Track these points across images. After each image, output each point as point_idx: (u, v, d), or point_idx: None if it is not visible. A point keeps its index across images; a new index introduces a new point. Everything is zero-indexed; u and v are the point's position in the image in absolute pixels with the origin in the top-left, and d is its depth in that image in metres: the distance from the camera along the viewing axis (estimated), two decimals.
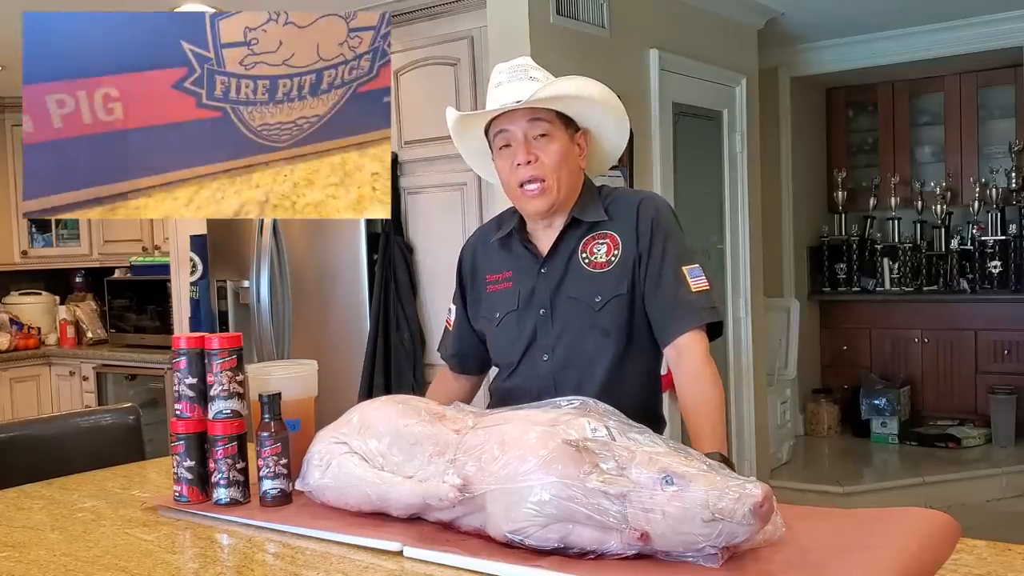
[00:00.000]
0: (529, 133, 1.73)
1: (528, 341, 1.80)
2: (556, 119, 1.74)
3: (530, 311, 1.80)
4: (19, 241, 5.81)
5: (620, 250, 1.76)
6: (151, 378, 5.08)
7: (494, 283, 1.88)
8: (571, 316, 1.77)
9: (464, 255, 1.98)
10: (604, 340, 1.75)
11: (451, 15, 3.67)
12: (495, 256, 1.90)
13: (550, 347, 1.78)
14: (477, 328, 1.93)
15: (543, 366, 1.79)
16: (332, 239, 3.89)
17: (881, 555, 1.20)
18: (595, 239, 1.79)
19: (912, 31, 5.31)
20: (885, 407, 5.74)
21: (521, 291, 1.82)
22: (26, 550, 1.49)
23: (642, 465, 1.22)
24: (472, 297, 1.94)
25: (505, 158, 1.76)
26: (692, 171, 4.29)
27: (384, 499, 1.46)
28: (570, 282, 1.78)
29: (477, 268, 1.93)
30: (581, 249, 1.79)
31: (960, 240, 5.86)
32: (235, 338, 1.67)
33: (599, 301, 1.75)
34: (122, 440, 2.31)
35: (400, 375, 3.69)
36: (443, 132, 3.65)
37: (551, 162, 1.73)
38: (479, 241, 1.97)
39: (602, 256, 1.77)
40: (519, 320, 1.82)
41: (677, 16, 4.18)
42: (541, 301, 1.79)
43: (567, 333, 1.77)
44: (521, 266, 1.84)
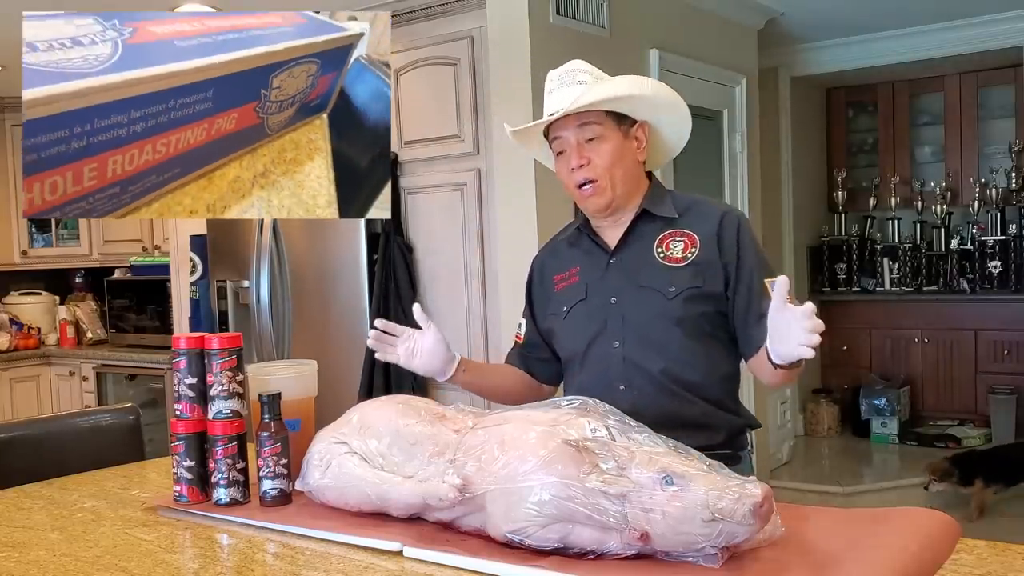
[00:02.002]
0: (580, 138, 1.76)
1: (597, 329, 1.81)
2: (607, 119, 1.76)
3: (599, 300, 1.81)
4: (19, 241, 5.81)
5: (698, 249, 1.77)
6: (151, 378, 5.08)
7: (561, 280, 1.90)
8: (643, 304, 1.77)
9: (533, 267, 2.00)
10: (676, 328, 1.75)
11: (451, 15, 3.67)
12: (563, 256, 1.92)
13: (620, 335, 1.78)
14: (544, 328, 1.93)
15: (614, 353, 1.79)
16: (332, 239, 3.89)
17: (881, 555, 1.20)
18: (672, 236, 1.80)
19: (912, 31, 5.31)
20: (885, 407, 5.74)
21: (589, 283, 1.83)
22: (26, 550, 1.49)
23: (642, 465, 1.22)
24: (540, 301, 1.95)
25: (562, 163, 1.80)
26: (692, 171, 4.29)
27: (384, 499, 1.46)
28: (643, 272, 1.78)
29: (545, 274, 1.95)
30: (657, 244, 1.80)
31: (960, 240, 5.86)
32: (235, 338, 1.67)
33: (673, 291, 1.75)
34: (122, 440, 2.31)
35: (400, 375, 3.69)
36: (443, 132, 3.71)
37: (603, 163, 1.76)
38: (547, 250, 2.00)
39: (678, 252, 1.78)
40: (587, 309, 1.82)
41: (677, 16, 4.18)
42: (612, 290, 1.80)
43: (638, 321, 1.77)
44: (589, 259, 1.86)
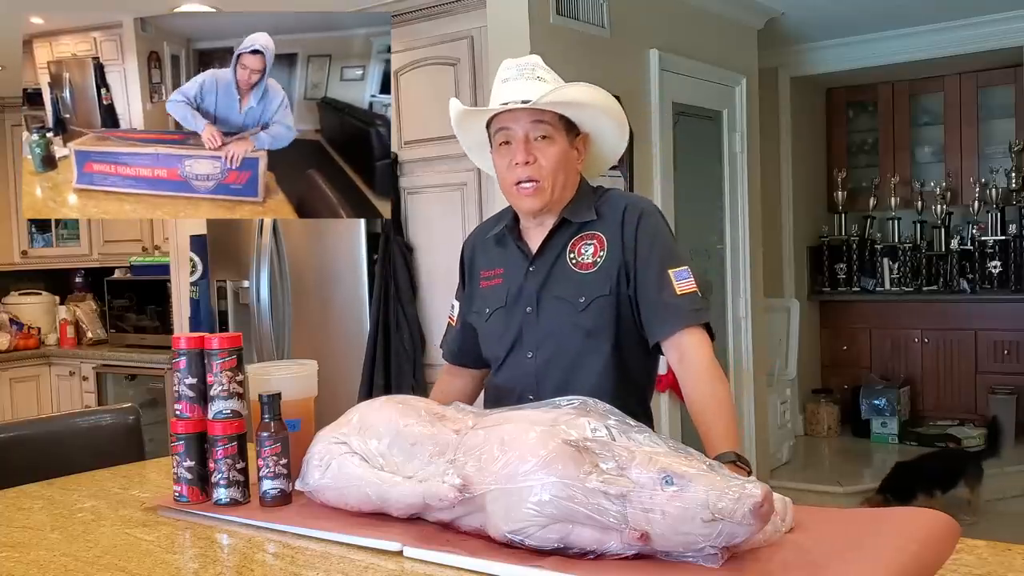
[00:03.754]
0: (531, 134, 1.74)
1: (514, 338, 1.82)
2: (558, 123, 1.75)
3: (517, 309, 1.82)
4: (19, 241, 5.81)
5: (606, 251, 1.77)
6: (151, 378, 5.08)
7: (487, 279, 1.90)
8: (556, 315, 1.78)
9: (464, 250, 2.01)
10: (588, 341, 1.76)
11: (451, 15, 3.67)
12: (491, 252, 1.92)
13: (535, 345, 1.80)
14: (468, 322, 1.95)
15: (527, 363, 1.80)
16: (332, 239, 3.89)
17: (881, 555, 1.20)
18: (583, 239, 1.80)
19: (912, 31, 5.31)
20: (885, 407, 5.74)
21: (510, 288, 1.84)
22: (26, 550, 1.49)
23: (642, 465, 1.22)
24: (468, 292, 1.96)
25: (503, 155, 1.78)
26: (692, 171, 4.29)
27: (384, 499, 1.46)
28: (556, 281, 1.79)
29: (475, 263, 1.96)
30: (569, 249, 1.80)
31: (960, 240, 5.86)
32: (235, 338, 1.67)
33: (583, 301, 1.76)
34: (122, 440, 2.31)
35: (400, 375, 3.69)
36: (443, 132, 3.70)
37: (549, 164, 1.74)
38: (478, 237, 1.99)
39: (588, 257, 1.78)
40: (506, 317, 1.83)
41: (677, 16, 4.18)
42: (528, 299, 1.81)
43: (552, 332, 1.78)
44: (512, 264, 1.86)
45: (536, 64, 1.78)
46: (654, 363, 1.86)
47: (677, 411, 3.86)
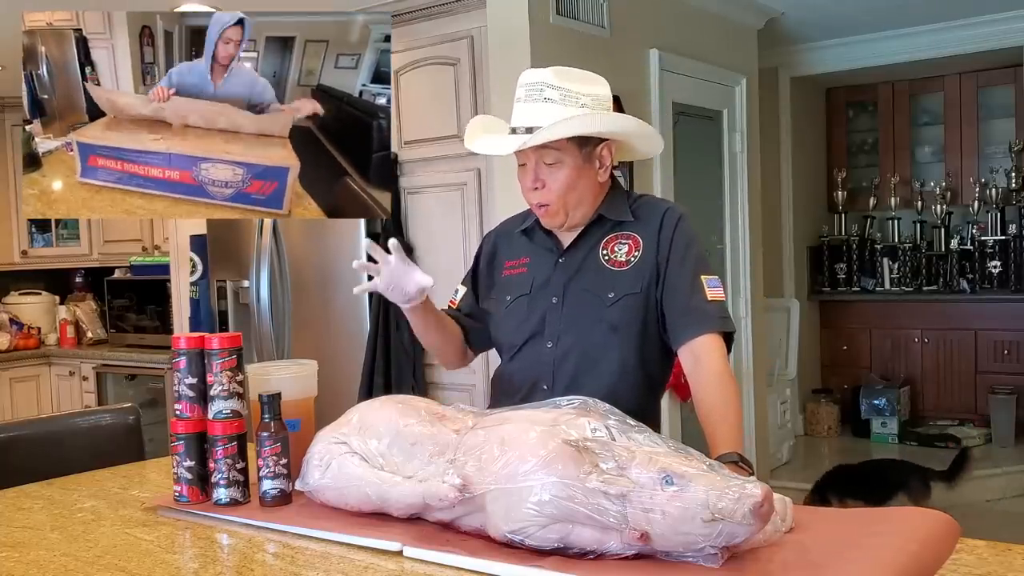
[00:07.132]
0: (539, 159, 1.74)
1: (535, 326, 1.81)
2: (567, 143, 1.73)
3: (542, 298, 1.82)
4: (19, 241, 5.81)
5: (641, 251, 1.78)
6: (151, 378, 5.08)
7: (511, 268, 1.90)
8: (582, 308, 1.78)
9: (485, 243, 2.01)
10: (611, 336, 1.76)
11: (451, 15, 3.67)
12: (516, 243, 1.92)
13: (556, 335, 1.79)
14: (483, 307, 1.94)
15: (546, 353, 1.79)
16: (332, 239, 3.89)
17: (881, 555, 1.20)
18: (618, 238, 1.80)
19: (912, 31, 5.31)
20: (885, 407, 5.74)
21: (536, 277, 1.84)
22: (26, 550, 1.49)
23: (642, 465, 1.22)
24: (485, 280, 1.96)
25: (521, 176, 1.79)
26: (692, 171, 4.29)
27: (384, 499, 1.46)
28: (586, 275, 1.79)
29: (498, 253, 1.95)
30: (603, 247, 1.80)
31: (960, 240, 5.86)
32: (235, 338, 1.67)
33: (612, 296, 1.76)
34: (122, 440, 2.31)
35: (400, 375, 3.69)
36: (443, 132, 3.71)
37: (557, 188, 1.75)
38: (504, 230, 2.00)
39: (622, 255, 1.79)
40: (529, 304, 1.83)
41: (677, 16, 4.18)
42: (554, 289, 1.81)
43: (575, 324, 1.78)
44: (540, 254, 1.86)
45: (545, 83, 1.73)
46: (669, 365, 1.86)
47: (677, 411, 3.86)
